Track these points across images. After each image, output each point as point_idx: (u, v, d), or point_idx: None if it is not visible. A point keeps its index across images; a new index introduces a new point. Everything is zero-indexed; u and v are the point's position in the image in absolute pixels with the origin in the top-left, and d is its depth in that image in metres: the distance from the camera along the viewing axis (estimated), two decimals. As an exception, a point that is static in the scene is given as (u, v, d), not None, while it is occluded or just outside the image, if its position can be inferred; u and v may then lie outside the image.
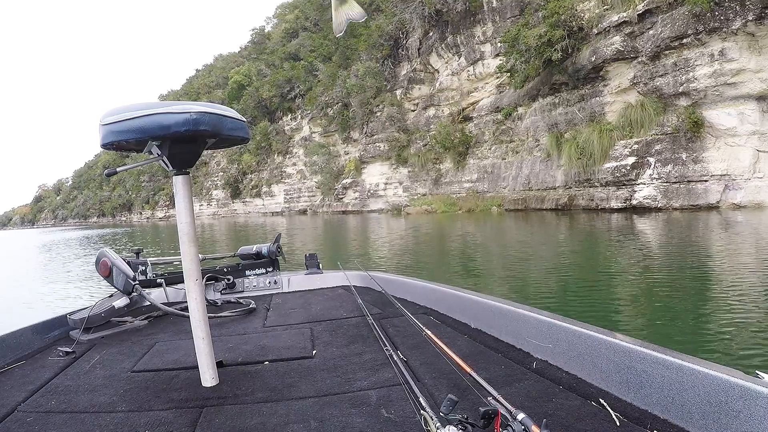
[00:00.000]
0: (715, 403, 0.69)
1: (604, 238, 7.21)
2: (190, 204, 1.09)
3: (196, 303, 1.09)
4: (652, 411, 0.78)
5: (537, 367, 1.03)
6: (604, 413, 0.81)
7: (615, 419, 0.78)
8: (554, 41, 13.05)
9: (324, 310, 1.79)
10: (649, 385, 0.79)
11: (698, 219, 8.88)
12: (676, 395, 0.75)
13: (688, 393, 0.73)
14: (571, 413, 0.81)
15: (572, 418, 0.79)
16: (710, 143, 10.82)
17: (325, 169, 29.01)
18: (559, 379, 0.96)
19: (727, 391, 0.67)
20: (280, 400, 0.97)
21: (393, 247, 7.91)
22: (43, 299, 5.05)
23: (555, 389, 0.92)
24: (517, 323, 1.17)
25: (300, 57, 34.38)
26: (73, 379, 1.17)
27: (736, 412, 0.66)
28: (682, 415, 0.73)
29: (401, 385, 0.97)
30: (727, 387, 0.67)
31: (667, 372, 0.77)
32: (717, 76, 10.26)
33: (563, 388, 0.92)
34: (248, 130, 1.15)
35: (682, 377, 0.74)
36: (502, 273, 4.72)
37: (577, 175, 13.59)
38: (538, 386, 0.94)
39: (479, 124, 19.76)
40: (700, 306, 2.93)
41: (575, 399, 0.87)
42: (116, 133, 0.98)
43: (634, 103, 12.41)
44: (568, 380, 0.95)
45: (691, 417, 0.72)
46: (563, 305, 3.16)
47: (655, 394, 0.78)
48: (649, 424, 0.76)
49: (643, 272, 4.16)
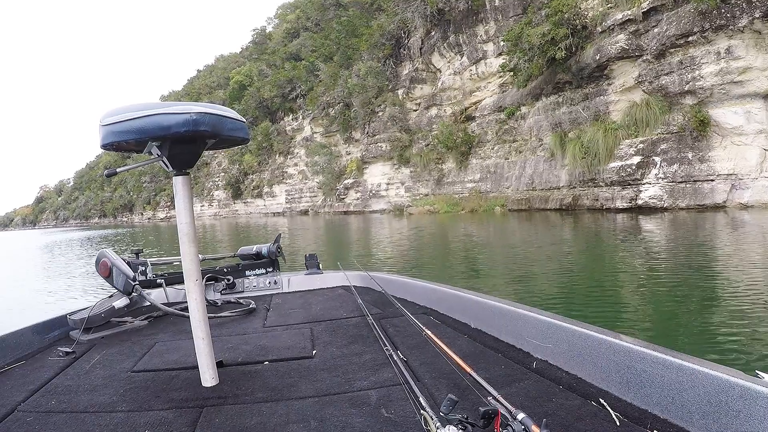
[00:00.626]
0: (715, 403, 0.69)
1: (610, 239, 7.18)
2: (190, 204, 1.10)
3: (196, 303, 1.09)
4: (652, 411, 0.78)
5: (537, 367, 1.04)
6: (604, 413, 0.81)
7: (615, 419, 0.78)
8: (558, 40, 13.02)
9: (324, 310, 1.80)
10: (649, 385, 0.80)
11: (705, 219, 8.84)
12: (676, 395, 0.75)
13: (688, 393, 0.73)
14: (571, 413, 0.82)
15: (572, 418, 0.80)
16: (716, 142, 10.76)
17: (327, 170, 29.04)
18: (559, 379, 0.96)
19: (727, 391, 0.67)
20: (280, 400, 0.98)
21: (396, 248, 7.91)
22: (43, 299, 5.08)
23: (555, 389, 0.92)
24: (517, 323, 1.18)
25: (301, 57, 34.47)
26: (73, 379, 1.18)
27: (736, 412, 0.66)
28: (682, 415, 0.73)
29: (401, 385, 0.97)
30: (727, 387, 0.68)
31: (667, 372, 0.77)
32: (723, 74, 10.20)
33: (563, 388, 0.92)
34: (248, 131, 1.16)
35: (682, 377, 0.74)
36: (506, 274, 4.71)
37: (581, 175, 13.55)
38: (538, 386, 0.94)
39: (482, 124, 19.74)
40: (707, 307, 2.92)
41: (575, 399, 0.87)
42: (116, 133, 0.98)
43: (639, 102, 12.36)
44: (568, 380, 0.95)
45: (691, 417, 0.72)
46: (568, 306, 3.15)
47: (655, 394, 0.78)
48: (649, 424, 0.76)
49: (649, 273, 4.15)
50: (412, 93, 23.91)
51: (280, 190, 36.04)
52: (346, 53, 28.17)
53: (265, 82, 36.52)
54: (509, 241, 7.98)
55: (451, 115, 21.49)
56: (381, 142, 24.54)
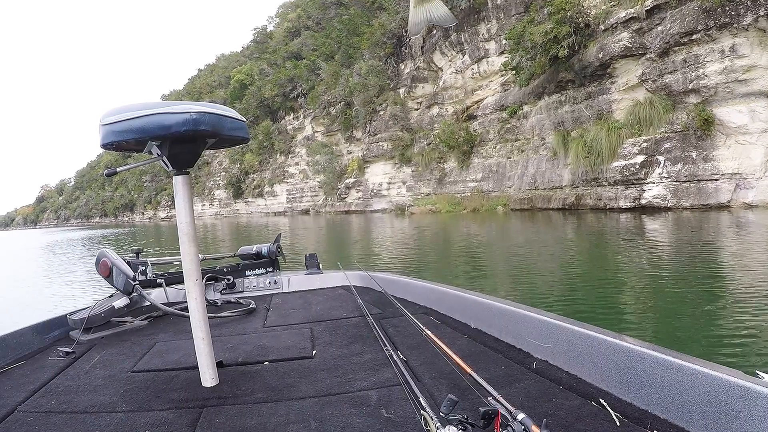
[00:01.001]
0: (715, 403, 0.69)
1: (615, 239, 7.15)
2: (190, 204, 1.11)
3: (196, 303, 1.10)
4: (652, 411, 0.78)
5: (537, 367, 1.04)
6: (604, 413, 0.81)
7: (615, 419, 0.79)
8: (560, 38, 12.99)
9: (324, 310, 1.80)
10: (649, 385, 0.80)
11: (709, 219, 8.81)
12: (676, 395, 0.75)
13: (688, 393, 0.73)
14: (571, 413, 0.82)
15: (572, 418, 0.80)
16: (721, 141, 10.72)
17: (328, 169, 29.06)
18: (559, 379, 0.97)
19: (727, 391, 0.68)
20: (280, 400, 0.98)
21: (399, 249, 7.91)
22: (43, 299, 5.11)
23: (555, 389, 0.93)
24: (517, 323, 1.18)
25: (302, 56, 34.50)
26: (73, 380, 1.18)
27: (736, 412, 0.66)
28: (682, 415, 0.74)
29: (401, 385, 0.97)
30: (727, 387, 0.68)
31: (667, 372, 0.77)
32: (728, 72, 10.16)
33: (563, 388, 0.93)
34: (248, 130, 1.16)
35: (682, 377, 0.74)
36: (511, 276, 4.70)
37: (584, 174, 13.52)
38: (538, 386, 0.95)
39: (484, 123, 19.71)
40: (712, 308, 2.91)
41: (575, 399, 0.88)
42: (116, 133, 0.99)
43: (642, 101, 12.32)
44: (568, 380, 0.95)
45: (691, 417, 0.72)
46: (574, 308, 3.14)
47: (655, 394, 0.78)
48: (649, 424, 0.76)
49: (653, 274, 4.13)
50: (413, 92, 23.90)
51: (281, 189, 36.09)
52: (348, 52, 28.19)
53: (266, 81, 36.58)
54: (513, 242, 7.97)
55: (453, 114, 21.47)
56: (382, 141, 24.54)
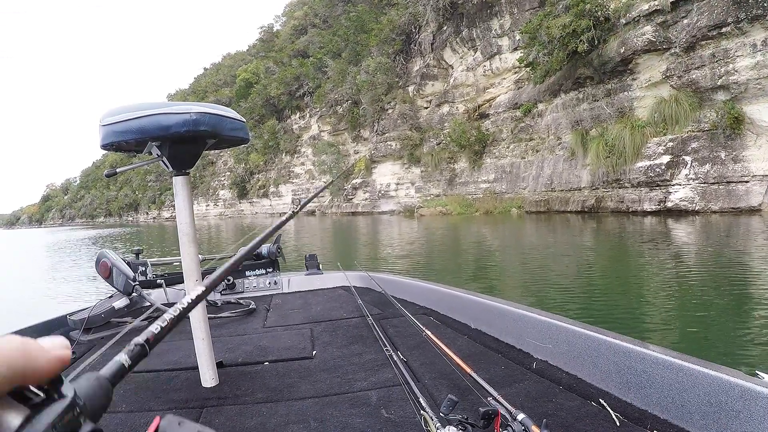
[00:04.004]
0: (715, 403, 0.70)
1: (642, 245, 6.88)
2: (190, 204, 1.15)
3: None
4: (652, 411, 0.80)
5: (537, 367, 1.06)
6: (604, 413, 0.83)
7: (615, 419, 0.80)
8: (580, 32, 12.88)
9: (324, 311, 1.84)
10: (649, 385, 0.81)
11: (739, 223, 8.61)
12: (676, 395, 0.76)
13: (688, 393, 0.74)
14: (571, 413, 0.84)
15: (572, 418, 0.82)
16: (751, 141, 10.49)
17: (335, 169, 29.19)
18: (559, 380, 0.99)
19: (727, 391, 0.69)
20: (280, 401, 1.01)
21: (409, 253, 7.91)
22: (44, 299, 5.25)
23: (555, 389, 0.95)
24: (517, 324, 1.20)
25: (309, 54, 34.81)
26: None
27: (736, 412, 0.67)
28: (682, 415, 0.75)
29: (401, 386, 1.00)
30: (727, 387, 0.69)
31: (667, 372, 0.79)
32: (759, 68, 9.95)
33: (563, 389, 0.95)
34: (248, 131, 1.20)
35: (682, 377, 0.76)
36: (530, 282, 4.62)
37: (605, 175, 13.34)
38: (538, 386, 0.97)
39: (496, 122, 19.62)
40: (740, 319, 2.86)
41: (575, 399, 0.90)
42: (116, 133, 1.03)
43: (667, 98, 12.13)
44: (568, 380, 0.97)
45: (691, 417, 0.74)
46: (597, 318, 3.11)
47: (655, 394, 0.80)
48: (649, 424, 0.78)
49: (682, 284, 4.04)
50: (423, 90, 23.90)
51: (286, 189, 36.36)
52: (355, 49, 28.35)
53: (272, 80, 36.98)
54: (533, 246, 7.84)
55: (464, 113, 21.42)
56: (390, 141, 24.58)
